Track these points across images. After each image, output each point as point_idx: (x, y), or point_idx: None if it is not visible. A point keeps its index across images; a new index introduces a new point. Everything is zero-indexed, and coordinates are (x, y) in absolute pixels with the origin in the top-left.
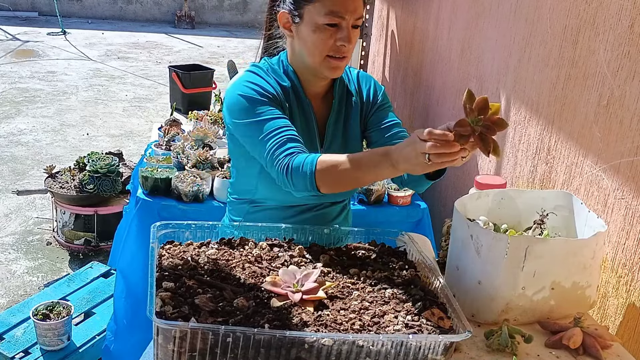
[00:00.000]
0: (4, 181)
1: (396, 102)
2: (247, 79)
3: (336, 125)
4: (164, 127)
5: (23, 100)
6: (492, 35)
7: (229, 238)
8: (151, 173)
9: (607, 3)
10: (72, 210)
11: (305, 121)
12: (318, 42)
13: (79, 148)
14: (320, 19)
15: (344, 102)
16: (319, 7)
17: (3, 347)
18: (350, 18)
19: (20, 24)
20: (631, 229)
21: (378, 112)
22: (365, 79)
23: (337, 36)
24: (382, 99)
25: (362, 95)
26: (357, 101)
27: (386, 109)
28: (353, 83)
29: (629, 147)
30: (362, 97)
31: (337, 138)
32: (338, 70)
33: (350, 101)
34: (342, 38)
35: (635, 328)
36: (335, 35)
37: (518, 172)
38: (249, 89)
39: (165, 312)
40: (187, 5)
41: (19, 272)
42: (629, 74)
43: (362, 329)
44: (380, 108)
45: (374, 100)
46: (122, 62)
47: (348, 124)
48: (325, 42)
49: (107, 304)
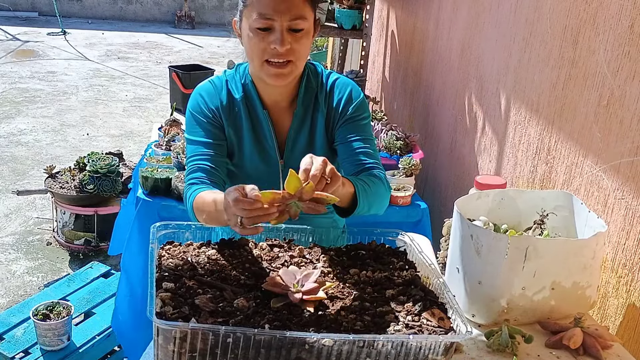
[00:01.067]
0: (4, 181)
1: (396, 102)
2: (199, 92)
3: (298, 135)
4: (164, 127)
5: (23, 100)
6: (492, 36)
7: (229, 238)
8: (151, 173)
9: (607, 3)
10: (72, 211)
11: (258, 132)
12: (253, 47)
13: (79, 148)
14: (252, 22)
15: (311, 111)
16: (251, 9)
17: (3, 347)
18: (281, 20)
19: (20, 24)
20: (631, 229)
21: (347, 124)
22: (340, 87)
23: (269, 39)
24: (353, 111)
25: (330, 104)
26: (324, 111)
27: (356, 122)
28: (324, 91)
29: (629, 147)
30: (331, 106)
31: (299, 148)
32: (280, 77)
33: (317, 111)
34: (273, 41)
35: (635, 328)
36: (268, 38)
37: (518, 172)
38: (195, 103)
39: (165, 312)
40: (187, 6)
41: (19, 272)
42: (629, 74)
43: (363, 330)
44: (349, 121)
45: (343, 111)
46: (122, 62)
47: (314, 135)
48: (258, 45)
49: (107, 304)
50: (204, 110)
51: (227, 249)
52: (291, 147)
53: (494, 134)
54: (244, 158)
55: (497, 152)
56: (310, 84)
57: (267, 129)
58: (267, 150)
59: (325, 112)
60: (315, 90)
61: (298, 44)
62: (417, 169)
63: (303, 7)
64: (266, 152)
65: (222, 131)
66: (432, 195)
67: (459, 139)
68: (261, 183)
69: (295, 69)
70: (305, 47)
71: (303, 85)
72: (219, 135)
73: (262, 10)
